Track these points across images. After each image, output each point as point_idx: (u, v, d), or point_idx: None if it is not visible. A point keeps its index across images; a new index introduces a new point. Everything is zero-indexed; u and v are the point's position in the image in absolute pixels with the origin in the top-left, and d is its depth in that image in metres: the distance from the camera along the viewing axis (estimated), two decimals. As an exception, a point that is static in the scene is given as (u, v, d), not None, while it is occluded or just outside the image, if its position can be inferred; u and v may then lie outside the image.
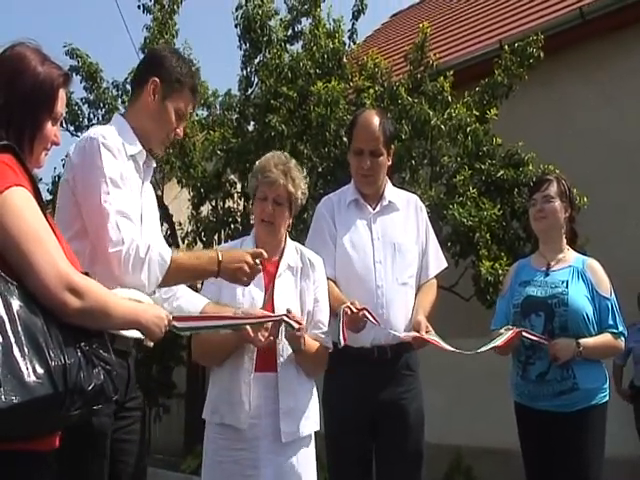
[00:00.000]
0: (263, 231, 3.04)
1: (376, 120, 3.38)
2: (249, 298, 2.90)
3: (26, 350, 1.61)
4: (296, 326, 2.76)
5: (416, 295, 3.35)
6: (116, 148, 2.39)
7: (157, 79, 2.54)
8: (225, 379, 2.90)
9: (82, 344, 1.75)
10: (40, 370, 1.62)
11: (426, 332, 3.13)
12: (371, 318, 3.03)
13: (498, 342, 3.27)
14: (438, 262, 3.52)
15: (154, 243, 2.36)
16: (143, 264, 2.28)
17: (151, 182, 2.69)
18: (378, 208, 3.43)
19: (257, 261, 2.55)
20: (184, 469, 8.69)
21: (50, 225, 1.83)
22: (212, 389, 2.99)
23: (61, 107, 1.98)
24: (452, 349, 3.13)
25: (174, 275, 2.37)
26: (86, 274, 1.86)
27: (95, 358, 1.77)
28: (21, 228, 1.73)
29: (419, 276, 3.41)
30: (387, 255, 3.31)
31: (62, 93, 1.97)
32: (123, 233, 2.28)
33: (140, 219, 2.49)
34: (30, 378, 1.60)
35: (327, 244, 3.33)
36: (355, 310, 2.99)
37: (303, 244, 3.36)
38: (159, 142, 2.61)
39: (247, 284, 2.60)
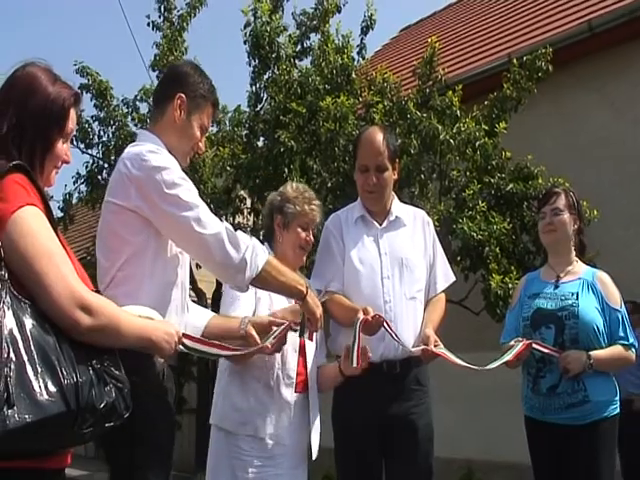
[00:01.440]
0: (299, 257, 3.22)
1: (379, 136, 3.39)
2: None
3: (39, 368, 1.63)
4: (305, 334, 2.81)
5: (425, 309, 3.36)
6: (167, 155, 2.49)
7: (183, 95, 2.60)
8: (259, 392, 2.96)
9: (94, 362, 1.76)
10: (53, 388, 1.63)
11: (435, 346, 3.13)
12: (386, 326, 3.05)
13: (508, 357, 3.27)
14: (446, 276, 3.53)
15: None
16: (245, 243, 2.39)
17: None
18: (385, 224, 3.44)
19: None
20: (196, 484, 8.69)
21: (62, 243, 1.85)
22: (242, 399, 2.96)
23: (72, 126, 2.01)
24: (461, 362, 3.12)
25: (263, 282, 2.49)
26: (97, 292, 1.88)
27: (107, 376, 1.78)
28: (33, 246, 1.74)
29: (427, 291, 3.42)
30: (395, 270, 3.32)
31: (73, 112, 2.00)
32: (212, 218, 2.39)
33: None
34: (43, 396, 1.61)
35: (335, 260, 3.35)
36: (370, 319, 3.01)
37: (314, 260, 3.51)
38: (184, 156, 2.67)
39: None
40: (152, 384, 2.31)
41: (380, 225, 3.44)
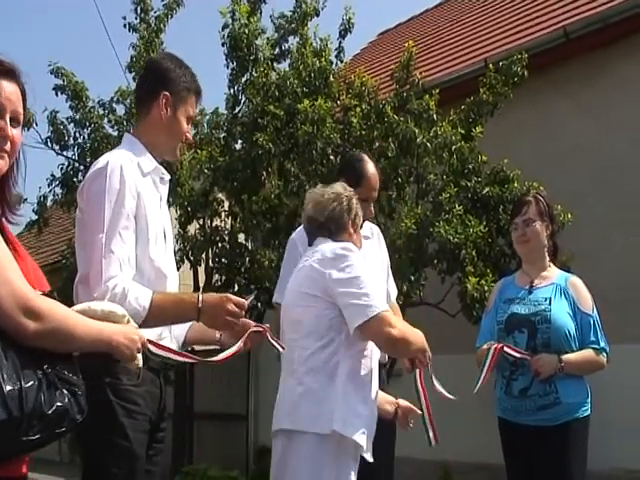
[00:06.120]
0: None
1: (375, 169, 3.59)
2: None
3: None
4: (278, 347, 2.73)
5: None
6: (126, 176, 2.41)
7: (167, 93, 2.59)
8: (359, 396, 2.78)
9: (45, 367, 1.71)
10: None
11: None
12: None
13: (483, 374, 3.34)
14: (394, 288, 3.77)
15: (133, 289, 2.33)
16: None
17: None
18: None
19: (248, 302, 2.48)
20: (172, 489, 8.64)
21: (13, 244, 1.80)
22: (363, 405, 2.78)
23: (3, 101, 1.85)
24: (447, 394, 3.12)
25: (152, 320, 2.34)
26: (50, 293, 1.83)
27: (58, 380, 1.72)
28: None
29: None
30: None
31: (3, 83, 1.85)
32: (103, 278, 2.29)
33: (164, 234, 2.55)
34: None
35: None
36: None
37: None
38: (174, 150, 2.69)
39: (231, 329, 2.51)
40: (124, 387, 2.29)
41: None
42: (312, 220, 3.02)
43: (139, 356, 2.04)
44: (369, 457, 2.77)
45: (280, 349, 2.71)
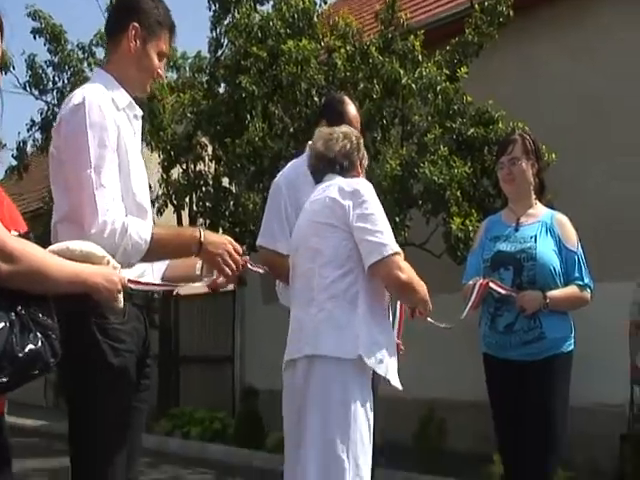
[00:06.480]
0: None
1: (357, 112, 3.59)
2: None
3: None
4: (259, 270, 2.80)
5: None
6: (105, 110, 2.35)
7: (137, 24, 2.49)
8: (379, 327, 2.81)
9: (18, 309, 1.69)
10: None
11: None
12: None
13: (471, 302, 3.39)
14: None
15: (133, 222, 2.28)
16: (118, 247, 2.22)
17: None
18: None
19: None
20: (158, 431, 8.78)
21: None
22: (381, 335, 2.81)
23: None
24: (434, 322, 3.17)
25: (151, 254, 2.32)
26: (26, 234, 1.80)
27: (32, 322, 1.70)
28: None
29: None
30: None
31: None
32: (100, 212, 2.24)
33: (138, 171, 2.48)
34: None
35: (283, 225, 3.34)
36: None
37: None
38: (144, 86, 2.61)
39: (226, 274, 2.44)
40: (111, 326, 2.28)
41: None
42: (321, 156, 3.00)
43: (120, 296, 2.03)
44: (398, 385, 2.80)
45: (261, 271, 2.77)
